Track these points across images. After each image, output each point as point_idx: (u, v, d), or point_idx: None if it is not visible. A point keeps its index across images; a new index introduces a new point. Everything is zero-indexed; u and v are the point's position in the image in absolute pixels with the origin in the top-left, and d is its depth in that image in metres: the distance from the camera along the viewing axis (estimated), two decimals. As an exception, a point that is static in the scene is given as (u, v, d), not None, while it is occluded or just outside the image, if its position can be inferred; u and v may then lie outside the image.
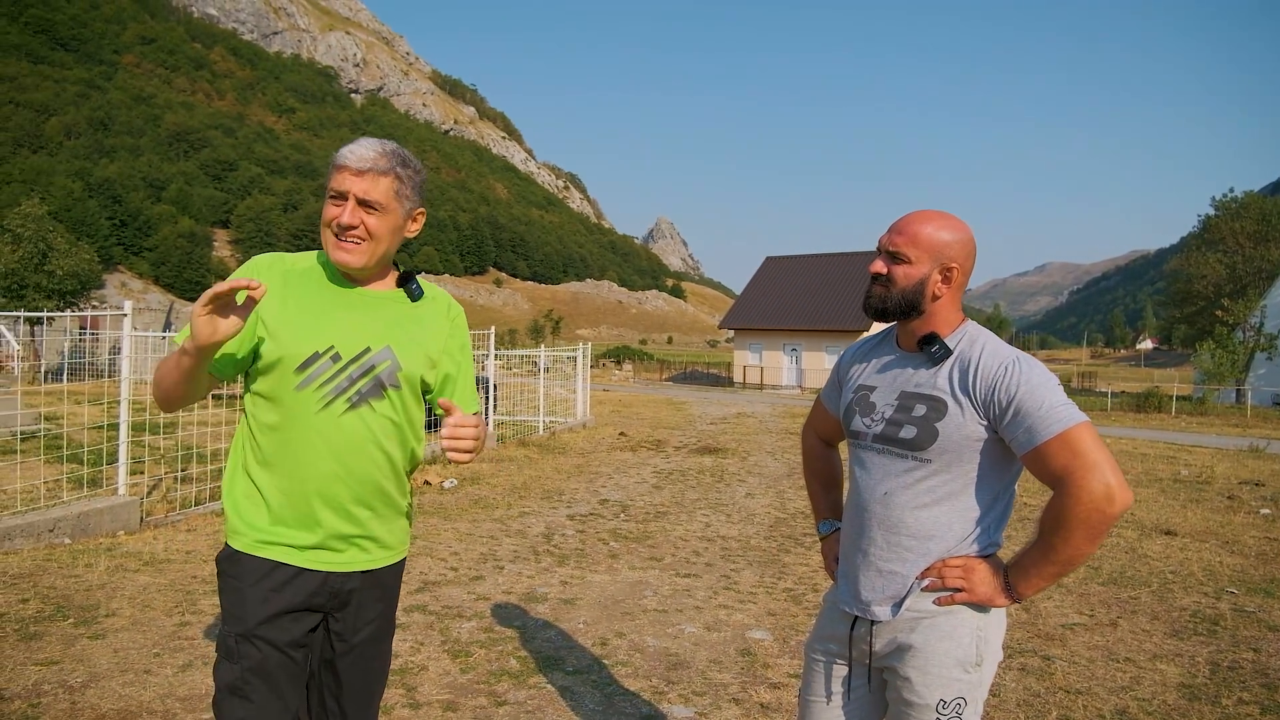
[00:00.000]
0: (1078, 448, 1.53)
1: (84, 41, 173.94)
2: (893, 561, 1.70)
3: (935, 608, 1.67)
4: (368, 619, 1.80)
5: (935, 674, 1.65)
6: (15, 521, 5.16)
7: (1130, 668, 3.81)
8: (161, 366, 1.68)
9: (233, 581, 1.69)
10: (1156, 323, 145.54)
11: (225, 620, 1.70)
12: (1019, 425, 1.57)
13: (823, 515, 2.08)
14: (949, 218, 1.72)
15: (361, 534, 1.75)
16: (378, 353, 1.73)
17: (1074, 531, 1.53)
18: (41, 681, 3.25)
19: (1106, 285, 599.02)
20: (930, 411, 1.66)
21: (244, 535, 1.70)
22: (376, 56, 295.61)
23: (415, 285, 1.83)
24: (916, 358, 1.74)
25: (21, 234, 28.59)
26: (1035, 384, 1.58)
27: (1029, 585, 1.62)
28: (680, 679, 3.59)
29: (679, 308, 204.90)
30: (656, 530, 6.57)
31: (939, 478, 1.66)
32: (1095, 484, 1.50)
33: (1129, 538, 6.58)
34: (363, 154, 1.68)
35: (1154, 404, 29.10)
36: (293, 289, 1.72)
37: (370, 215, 1.68)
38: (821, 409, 2.07)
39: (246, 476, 1.73)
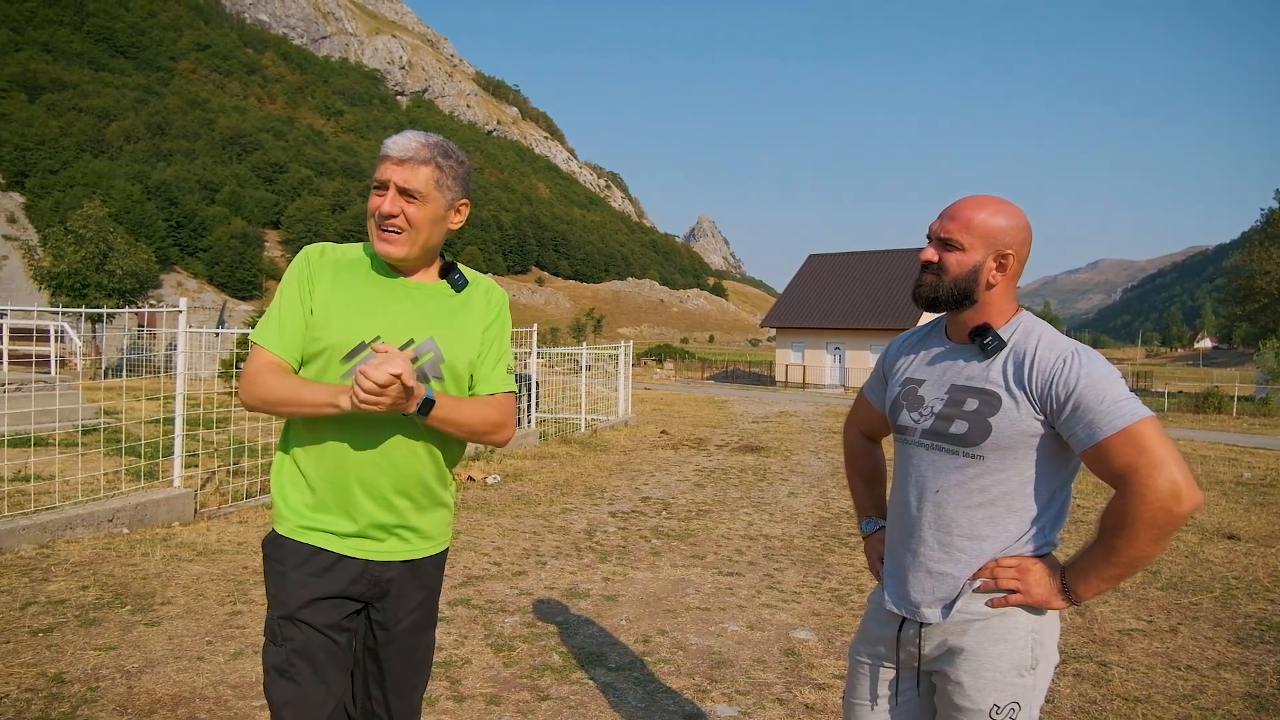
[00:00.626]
0: (1142, 443, 1.45)
1: (142, 49, 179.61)
2: (944, 562, 1.64)
3: (988, 609, 1.60)
4: (408, 609, 1.81)
5: (988, 678, 1.59)
6: (77, 511, 5.33)
7: (1192, 675, 3.67)
8: (281, 393, 1.65)
9: (276, 565, 1.73)
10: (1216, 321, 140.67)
11: (270, 604, 1.74)
12: (1079, 420, 1.50)
13: (866, 513, 2.02)
14: (1003, 203, 1.65)
15: (401, 524, 1.76)
16: (421, 344, 1.74)
17: (1138, 532, 1.45)
18: (100, 666, 3.34)
19: (1162, 282, 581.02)
20: (983, 406, 1.59)
21: (287, 520, 1.73)
22: (422, 59, 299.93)
23: (458, 275, 1.84)
24: (968, 349, 1.67)
25: (84, 235, 29.59)
26: (1096, 377, 1.50)
27: (1088, 588, 1.54)
28: (723, 678, 3.56)
29: (720, 306, 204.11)
30: (699, 528, 6.54)
31: (992, 475, 1.59)
32: (1161, 482, 1.43)
33: (1189, 542, 6.36)
34: (404, 144, 1.69)
35: (1214, 404, 28.13)
36: (341, 279, 1.75)
37: (410, 204, 1.69)
38: (865, 403, 2.00)
39: (293, 462, 1.76)
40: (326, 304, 1.71)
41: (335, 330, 1.70)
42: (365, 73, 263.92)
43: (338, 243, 1.83)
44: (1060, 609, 1.60)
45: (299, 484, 1.74)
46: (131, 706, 3.02)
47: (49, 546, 4.98)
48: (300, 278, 1.74)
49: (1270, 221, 42.97)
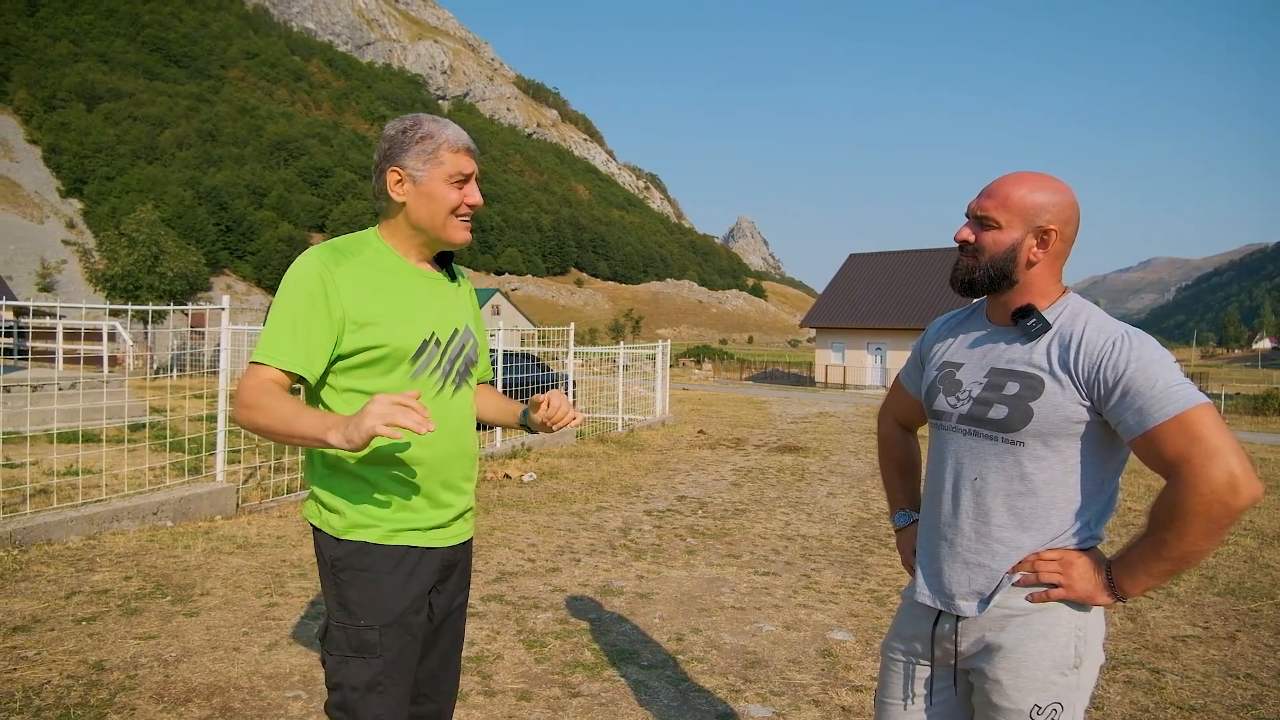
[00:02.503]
0: (1197, 431, 1.36)
1: (194, 58, 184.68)
2: (982, 554, 1.55)
3: (1028, 605, 1.52)
4: (462, 585, 1.88)
5: (1028, 676, 1.50)
6: (123, 504, 5.45)
7: (1251, 684, 3.50)
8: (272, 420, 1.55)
9: (365, 574, 1.66)
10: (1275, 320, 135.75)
11: (359, 615, 1.65)
12: (1128, 406, 1.41)
13: (899, 505, 1.94)
14: (1045, 178, 1.56)
15: (468, 507, 1.84)
16: (463, 333, 1.81)
17: (1191, 525, 1.36)
18: (139, 654, 3.39)
19: (1218, 281, 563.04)
20: (1024, 389, 1.51)
21: (371, 527, 1.68)
22: (463, 63, 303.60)
23: (452, 267, 1.88)
24: (1010, 332, 1.58)
25: (137, 238, 30.48)
26: (1147, 361, 1.41)
27: (1135, 584, 1.45)
28: (757, 678, 3.49)
29: (759, 307, 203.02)
30: (735, 527, 6.46)
31: (1035, 463, 1.51)
32: (1217, 472, 1.33)
33: (1248, 546, 6.10)
34: (466, 135, 1.74)
35: (1274, 406, 27.12)
36: (375, 280, 1.69)
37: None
38: (901, 390, 1.92)
39: (349, 474, 1.68)
40: (374, 309, 1.66)
41: (397, 333, 1.67)
42: (408, 78, 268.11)
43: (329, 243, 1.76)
44: (1105, 606, 1.52)
45: (366, 492, 1.68)
46: (168, 694, 3.05)
47: (95, 538, 5.09)
48: (322, 290, 1.63)
49: (1334, 217, 41.35)
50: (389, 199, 1.71)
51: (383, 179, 1.71)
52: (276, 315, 1.64)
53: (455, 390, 1.79)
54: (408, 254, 1.77)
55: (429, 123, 1.71)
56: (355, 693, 1.64)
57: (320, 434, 1.49)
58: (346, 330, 1.64)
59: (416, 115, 1.74)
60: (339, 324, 1.64)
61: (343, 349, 1.66)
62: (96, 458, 6.98)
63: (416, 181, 1.69)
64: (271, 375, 1.60)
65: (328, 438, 1.48)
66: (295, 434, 1.53)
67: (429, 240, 1.76)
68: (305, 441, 1.53)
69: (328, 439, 1.48)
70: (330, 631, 1.68)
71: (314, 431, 1.50)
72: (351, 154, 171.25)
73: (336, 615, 1.68)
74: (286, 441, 1.57)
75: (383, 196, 1.73)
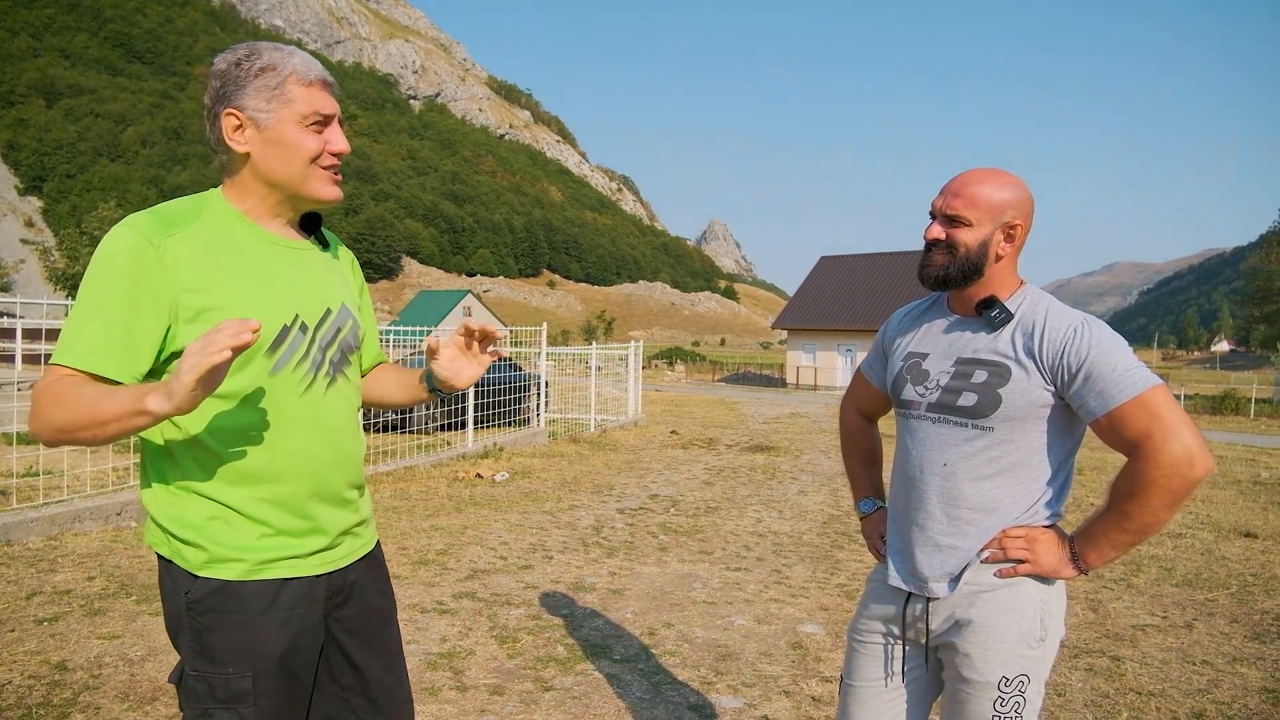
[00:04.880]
0: (1156, 410, 1.45)
1: (159, 54, 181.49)
2: (953, 536, 1.61)
3: (995, 580, 1.59)
4: (375, 604, 1.59)
5: (996, 650, 1.57)
6: (85, 504, 5.35)
7: (1208, 670, 3.60)
8: (73, 413, 1.23)
9: (233, 616, 1.37)
10: (1233, 323, 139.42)
11: (229, 661, 1.37)
12: (1090, 389, 1.49)
13: (864, 493, 1.98)
14: (1003, 174, 1.63)
15: (356, 519, 1.54)
16: (338, 313, 1.49)
17: (1153, 497, 1.45)
18: (103, 654, 3.34)
19: (1179, 285, 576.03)
20: (992, 377, 1.57)
21: (234, 563, 1.37)
22: (434, 63, 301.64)
23: (322, 233, 1.55)
24: (974, 322, 1.65)
25: (99, 236, 29.90)
26: (1106, 346, 1.50)
27: (1098, 555, 1.54)
28: (729, 670, 3.52)
29: (731, 309, 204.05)
30: (707, 525, 6.50)
31: (1002, 447, 1.57)
32: (1176, 447, 1.42)
33: (1205, 539, 6.26)
34: (317, 65, 1.41)
35: (1231, 406, 27.82)
36: (218, 256, 1.36)
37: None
38: (863, 382, 1.97)
39: (201, 497, 1.37)
40: (218, 291, 1.33)
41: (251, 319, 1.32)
42: (379, 77, 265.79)
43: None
44: (1069, 578, 1.58)
45: (227, 518, 1.37)
46: (133, 693, 3.01)
47: (57, 539, 5.00)
48: (145, 270, 1.29)
49: (1288, 222, 42.57)
50: (229, 150, 1.38)
51: (217, 126, 1.37)
52: (83, 305, 1.29)
53: (330, 384, 1.46)
54: (260, 218, 1.43)
55: (270, 51, 1.38)
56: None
57: (135, 404, 1.18)
58: (180, 319, 1.31)
59: (252, 43, 1.39)
60: (168, 313, 1.30)
61: (176, 344, 1.32)
62: (57, 458, 6.84)
63: (260, 126, 1.36)
64: (74, 376, 1.27)
65: (146, 404, 1.17)
66: (106, 418, 1.20)
67: (286, 198, 1.42)
68: (121, 423, 1.20)
69: (146, 405, 1.17)
70: (187, 681, 1.38)
71: (127, 405, 1.19)
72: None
73: (195, 664, 1.37)
74: (100, 435, 1.22)
75: (220, 147, 1.39)
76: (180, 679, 1.40)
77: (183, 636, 1.39)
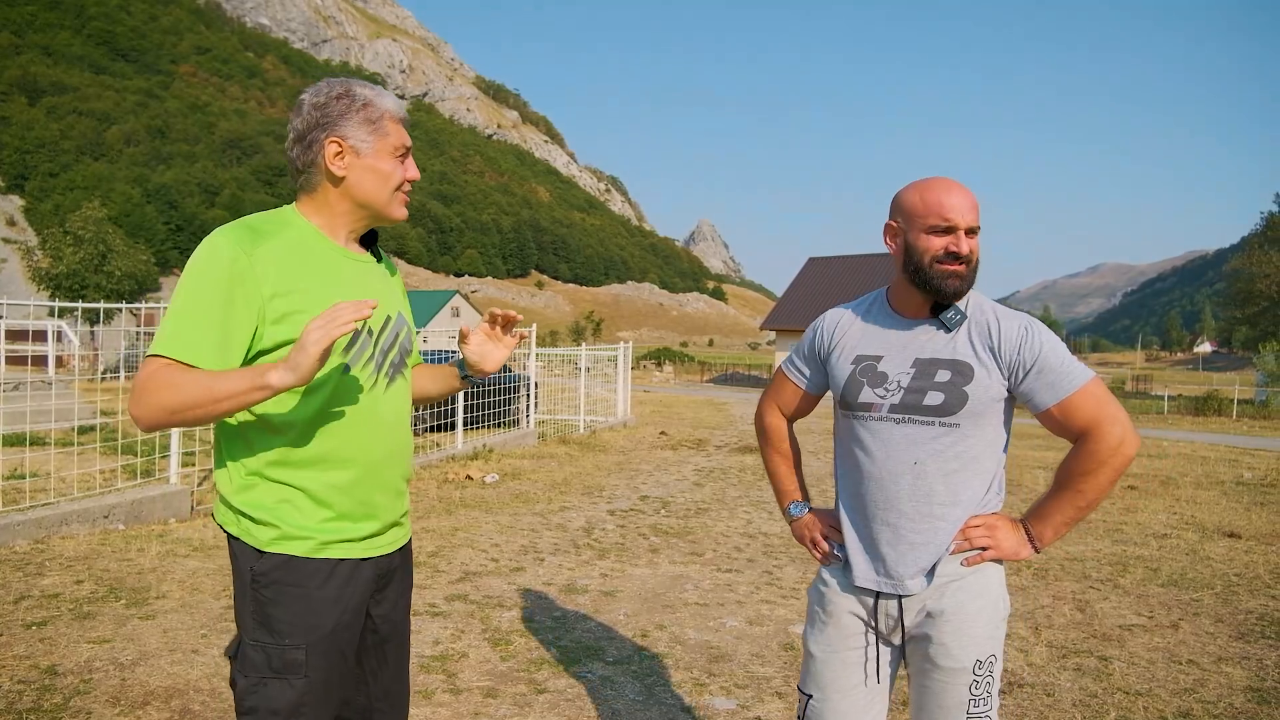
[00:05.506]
0: (1100, 398, 1.62)
1: (143, 52, 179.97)
2: (925, 532, 1.66)
3: (963, 569, 1.67)
4: (403, 590, 1.75)
5: (971, 635, 1.65)
6: (72, 507, 5.31)
7: (1194, 670, 3.64)
8: (189, 393, 1.36)
9: (294, 590, 1.50)
10: (1215, 325, 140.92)
11: (286, 633, 1.49)
12: (1041, 382, 1.63)
13: (793, 496, 1.96)
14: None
15: (403, 510, 1.70)
16: (396, 320, 1.66)
17: (1102, 476, 1.61)
18: (94, 659, 3.32)
19: (1162, 287, 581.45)
20: (956, 376, 1.65)
21: (302, 540, 1.51)
22: (422, 63, 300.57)
23: (377, 248, 1.72)
24: (925, 323, 1.70)
25: (83, 236, 29.60)
26: (1053, 343, 1.65)
27: (1053, 532, 1.68)
28: (722, 671, 3.54)
29: (720, 310, 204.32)
30: (697, 526, 6.52)
31: (966, 442, 1.66)
32: (1119, 429, 1.61)
33: (1189, 540, 6.33)
34: (403, 105, 1.62)
35: (1213, 407, 28.10)
36: (302, 264, 1.51)
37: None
38: (789, 385, 1.95)
39: (273, 481, 1.51)
40: (302, 296, 1.47)
41: None
42: (365, 76, 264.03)
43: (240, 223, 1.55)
44: (1027, 558, 1.71)
45: (295, 502, 1.52)
46: (124, 698, 2.99)
47: (44, 542, 4.95)
48: (239, 275, 1.43)
49: (1270, 225, 43.05)
50: (322, 172, 1.54)
51: (314, 150, 1.52)
52: (182, 303, 1.42)
53: (389, 384, 1.62)
54: (334, 234, 1.59)
55: (363, 88, 1.56)
56: (274, 717, 1.48)
57: (256, 380, 1.32)
58: (266, 321, 1.45)
59: (344, 80, 1.57)
60: (257, 314, 1.44)
61: (262, 343, 1.46)
62: (44, 460, 6.78)
63: (360, 154, 1.53)
64: (175, 367, 1.40)
65: (268, 379, 1.32)
66: (221, 397, 1.33)
67: (369, 217, 1.61)
68: (238, 398, 1.34)
69: (268, 381, 1.32)
70: (245, 651, 1.51)
71: (247, 382, 1.33)
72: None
73: (255, 634, 1.50)
74: (212, 411, 1.36)
75: (312, 169, 1.54)
76: (237, 651, 1.53)
77: (245, 608, 1.52)
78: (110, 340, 24.10)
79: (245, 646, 1.51)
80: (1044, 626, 4.18)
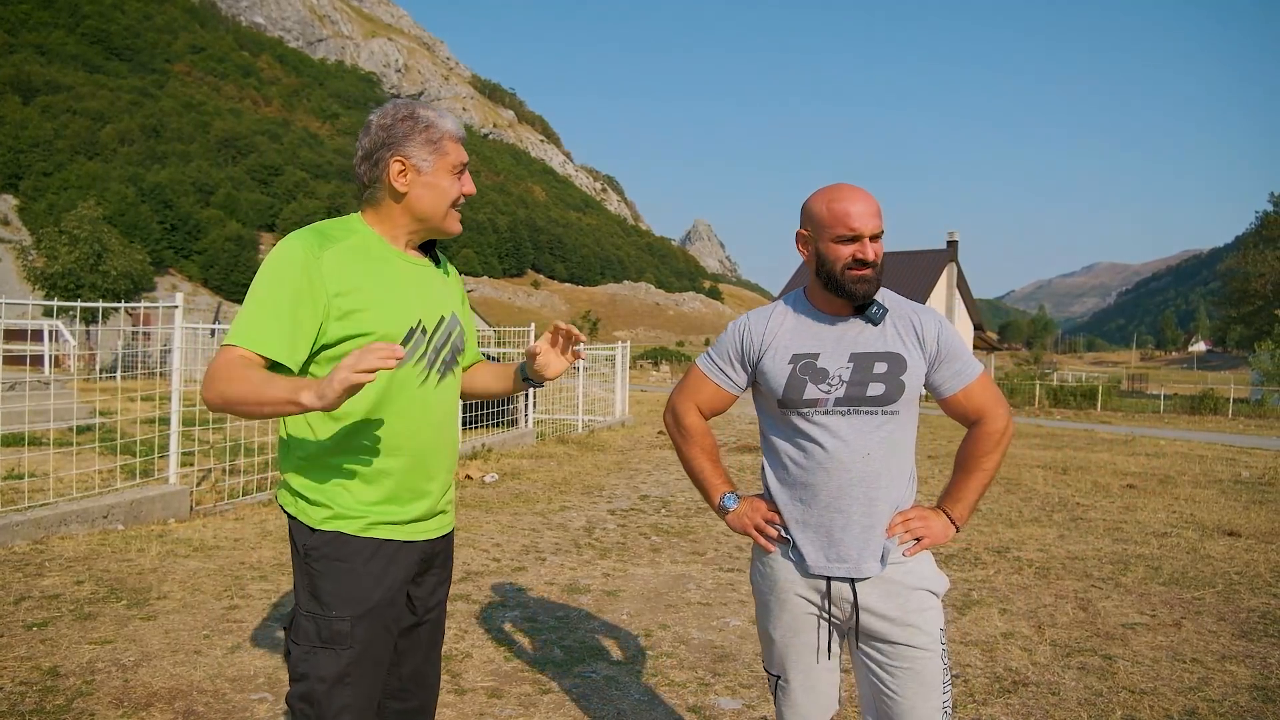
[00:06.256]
0: (991, 387, 1.86)
1: (137, 51, 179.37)
2: (874, 515, 1.77)
3: (905, 557, 1.80)
4: (443, 579, 1.87)
5: (930, 610, 1.79)
6: (71, 507, 5.29)
7: (1198, 668, 3.65)
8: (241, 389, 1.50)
9: (341, 565, 1.63)
10: (1210, 324, 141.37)
11: (332, 605, 1.62)
12: (949, 369, 1.82)
13: (724, 489, 1.98)
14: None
15: (449, 499, 1.83)
16: (449, 320, 1.79)
17: (998, 453, 1.85)
18: (95, 660, 3.30)
19: (1157, 286, 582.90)
20: (892, 367, 1.77)
21: (351, 519, 1.64)
22: (418, 62, 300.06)
23: (436, 253, 1.86)
24: (851, 320, 1.81)
25: (78, 235, 29.49)
26: (958, 335, 1.84)
27: (966, 511, 1.87)
28: (726, 671, 3.53)
29: (716, 309, 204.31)
30: (698, 525, 6.51)
31: (903, 428, 1.80)
32: (1006, 412, 1.86)
33: (1190, 538, 6.34)
34: (461, 125, 1.74)
35: (1209, 406, 28.21)
36: (364, 266, 1.65)
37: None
38: (708, 384, 1.97)
39: (329, 466, 1.65)
40: (360, 296, 1.62)
41: (383, 320, 1.64)
42: (361, 75, 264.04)
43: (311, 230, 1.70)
44: (951, 539, 1.89)
45: (351, 483, 1.65)
46: (128, 699, 2.97)
47: (43, 542, 4.93)
48: (307, 275, 1.57)
49: (1265, 224, 43.19)
50: (386, 188, 1.68)
51: (380, 168, 1.66)
52: (257, 298, 1.57)
53: (440, 380, 1.75)
54: (395, 240, 1.73)
55: (425, 110, 1.69)
56: (322, 684, 1.59)
57: (291, 395, 1.44)
58: (331, 318, 1.60)
59: (408, 103, 1.72)
60: (323, 311, 1.59)
61: (326, 338, 1.61)
62: (42, 460, 6.75)
63: (421, 172, 1.67)
64: (242, 354, 1.53)
65: (300, 398, 1.42)
66: (266, 400, 1.47)
67: (427, 230, 1.74)
68: (276, 406, 1.46)
69: (300, 399, 1.42)
70: (298, 621, 1.64)
71: (284, 394, 1.45)
72: (302, 152, 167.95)
73: (307, 605, 1.64)
74: (256, 412, 1.49)
75: (377, 185, 1.68)
76: (292, 622, 1.67)
77: (300, 582, 1.67)
78: (106, 340, 24.00)
79: (299, 617, 1.65)
80: (1047, 625, 4.18)
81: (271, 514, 6.11)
